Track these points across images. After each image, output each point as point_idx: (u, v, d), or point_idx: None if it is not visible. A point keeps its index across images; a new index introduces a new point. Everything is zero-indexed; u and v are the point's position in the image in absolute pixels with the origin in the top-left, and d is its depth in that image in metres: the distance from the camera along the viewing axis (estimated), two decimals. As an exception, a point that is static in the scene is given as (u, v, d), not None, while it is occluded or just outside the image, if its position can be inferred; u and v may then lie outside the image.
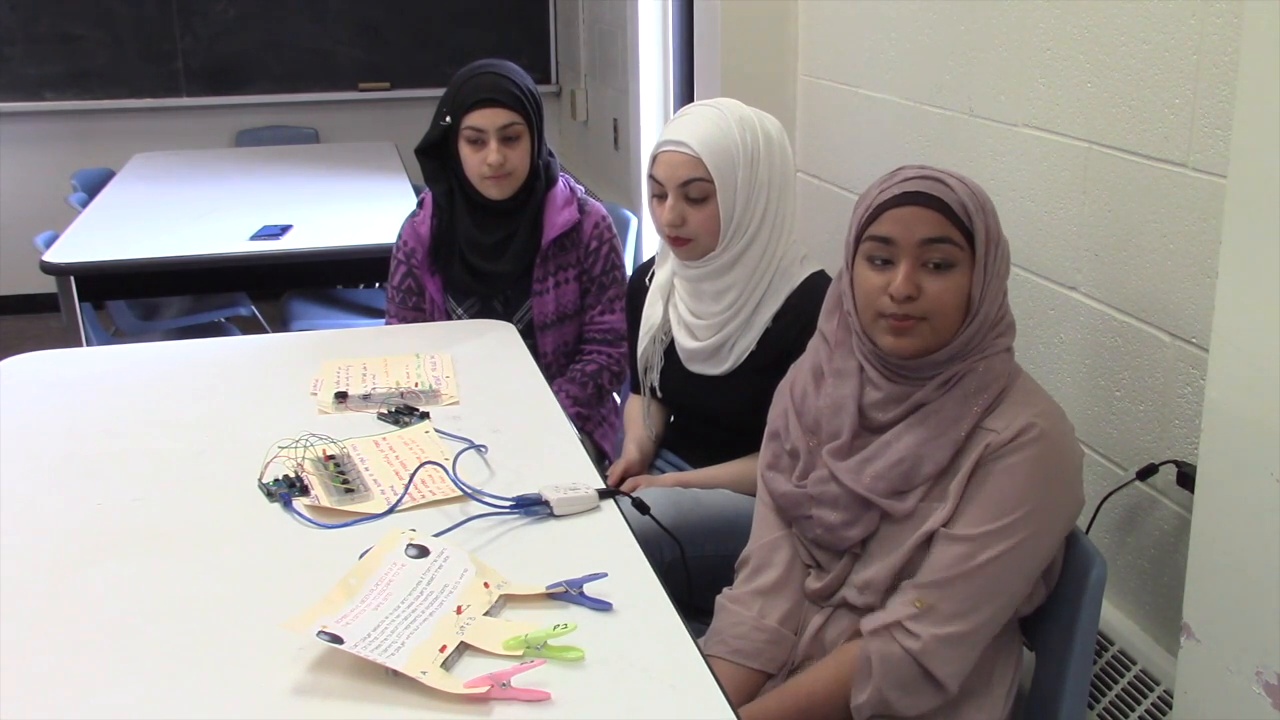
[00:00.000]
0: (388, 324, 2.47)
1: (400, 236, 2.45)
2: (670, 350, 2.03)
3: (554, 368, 2.39)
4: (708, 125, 1.85)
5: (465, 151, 2.27)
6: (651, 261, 2.10)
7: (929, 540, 1.41)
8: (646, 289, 2.09)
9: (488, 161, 2.24)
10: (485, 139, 2.24)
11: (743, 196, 1.86)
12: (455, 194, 2.34)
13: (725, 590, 1.58)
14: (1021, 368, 1.48)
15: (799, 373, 1.60)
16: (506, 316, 2.36)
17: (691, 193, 1.84)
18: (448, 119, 2.27)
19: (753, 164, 1.85)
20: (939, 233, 1.39)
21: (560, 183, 2.38)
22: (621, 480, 2.01)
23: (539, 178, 2.34)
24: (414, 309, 2.44)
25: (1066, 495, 1.42)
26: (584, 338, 2.43)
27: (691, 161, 1.83)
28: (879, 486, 1.44)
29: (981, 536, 1.37)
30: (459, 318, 2.41)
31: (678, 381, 2.03)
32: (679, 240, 1.88)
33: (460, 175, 2.32)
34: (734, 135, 1.84)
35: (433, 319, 2.41)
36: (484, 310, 2.40)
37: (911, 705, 1.38)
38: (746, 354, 1.91)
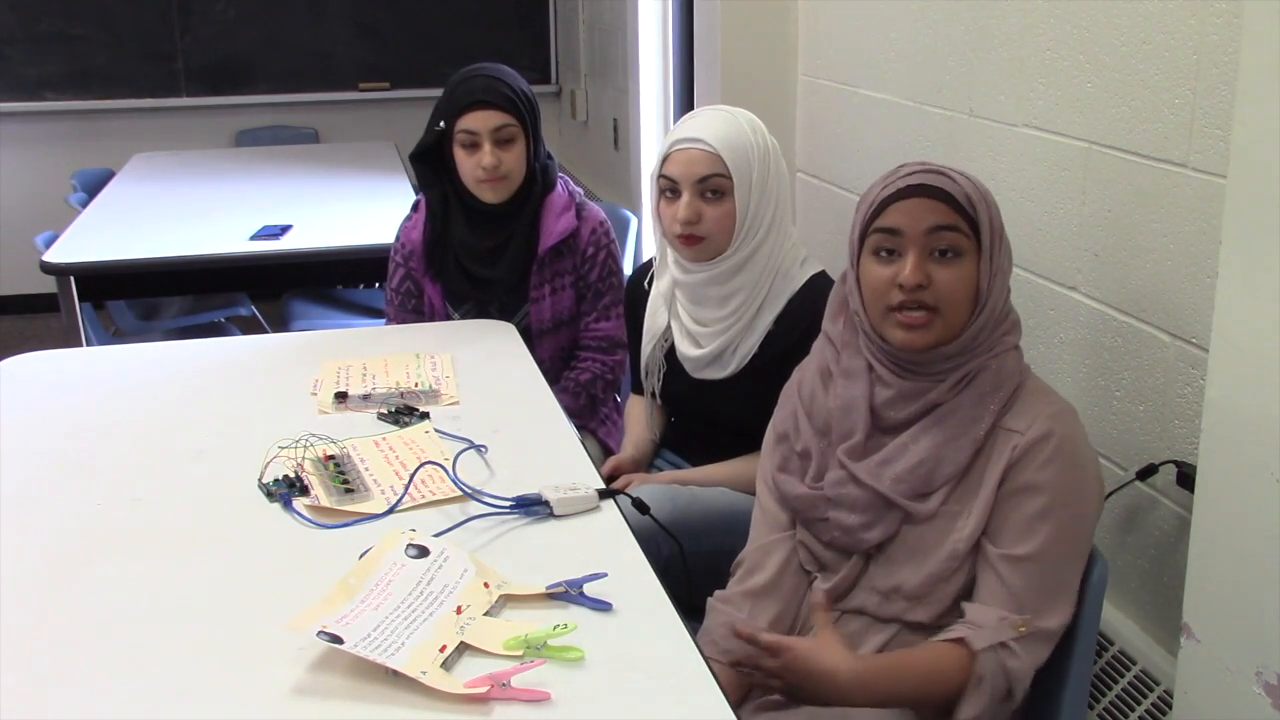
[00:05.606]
0: (387, 326, 2.47)
1: (398, 239, 2.42)
2: (671, 355, 2.03)
3: (551, 374, 2.36)
4: (723, 124, 1.86)
5: (459, 155, 2.23)
6: (650, 264, 2.09)
7: (969, 553, 1.40)
8: (645, 292, 2.08)
9: (482, 165, 2.20)
10: (479, 141, 2.20)
11: (756, 195, 1.86)
12: (450, 199, 2.31)
13: (717, 592, 1.58)
14: (1029, 366, 1.48)
15: (805, 374, 1.59)
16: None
17: (709, 189, 1.84)
18: (441, 124, 2.23)
19: (764, 165, 1.86)
20: (946, 220, 1.39)
21: (559, 186, 2.34)
22: (612, 476, 2.01)
23: (535, 181, 2.30)
24: (413, 311, 2.42)
25: (1096, 492, 1.43)
26: (579, 345, 2.40)
27: (710, 158, 1.83)
28: (900, 489, 1.43)
29: (1044, 556, 1.37)
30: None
31: (680, 387, 2.03)
32: (691, 239, 1.86)
33: (455, 180, 2.28)
34: (748, 135, 1.86)
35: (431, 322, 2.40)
36: (480, 316, 2.37)
37: (990, 713, 1.37)
38: (749, 357, 1.91)
